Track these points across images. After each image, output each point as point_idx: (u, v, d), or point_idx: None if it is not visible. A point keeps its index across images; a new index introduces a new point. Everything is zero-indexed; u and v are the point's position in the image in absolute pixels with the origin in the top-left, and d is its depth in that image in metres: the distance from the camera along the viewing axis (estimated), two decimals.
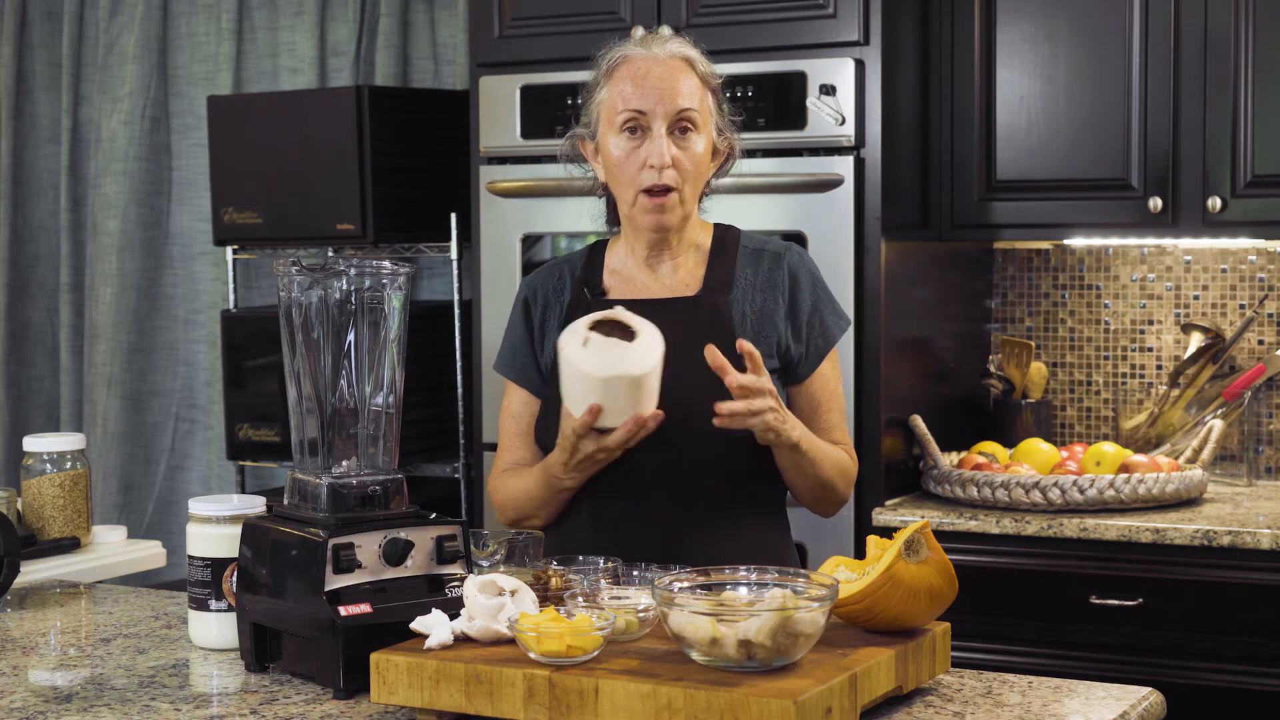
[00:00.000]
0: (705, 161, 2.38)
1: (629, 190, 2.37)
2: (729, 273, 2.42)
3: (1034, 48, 3.56)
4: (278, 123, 4.14)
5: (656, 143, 2.33)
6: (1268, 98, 3.37)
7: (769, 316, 2.41)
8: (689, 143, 2.35)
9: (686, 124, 2.35)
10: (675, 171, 2.33)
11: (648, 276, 2.44)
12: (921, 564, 1.93)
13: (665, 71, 2.36)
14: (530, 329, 2.49)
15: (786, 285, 2.42)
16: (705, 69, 2.40)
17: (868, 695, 1.81)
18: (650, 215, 2.36)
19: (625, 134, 2.36)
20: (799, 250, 2.47)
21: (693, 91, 2.36)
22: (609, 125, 2.38)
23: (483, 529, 2.73)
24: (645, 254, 2.43)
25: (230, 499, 2.27)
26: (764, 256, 2.44)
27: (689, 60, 2.38)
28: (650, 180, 2.34)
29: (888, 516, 3.35)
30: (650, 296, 2.42)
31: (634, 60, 2.38)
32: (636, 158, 2.35)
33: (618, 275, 2.46)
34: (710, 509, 2.37)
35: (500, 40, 3.72)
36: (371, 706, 1.94)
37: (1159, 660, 3.19)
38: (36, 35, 5.08)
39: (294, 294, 2.10)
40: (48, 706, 1.99)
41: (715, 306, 2.39)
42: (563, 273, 2.50)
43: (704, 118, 2.37)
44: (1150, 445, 3.69)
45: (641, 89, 2.34)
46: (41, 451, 2.97)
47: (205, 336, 4.80)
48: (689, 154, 2.35)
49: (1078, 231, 3.63)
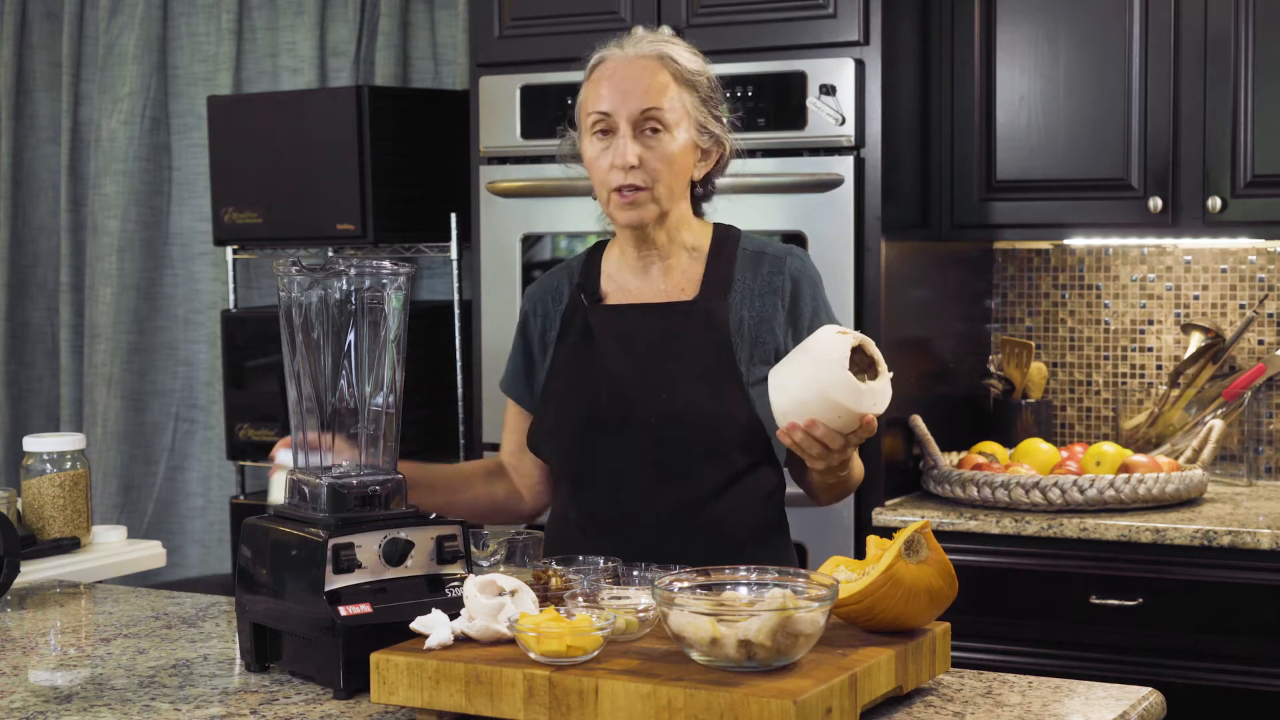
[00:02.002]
0: (680, 160, 2.36)
1: (602, 190, 2.37)
2: (727, 276, 2.41)
3: (1034, 48, 3.56)
4: (278, 123, 4.14)
5: (620, 143, 2.33)
6: (1268, 98, 3.37)
7: (767, 322, 2.40)
8: (658, 142, 2.34)
9: (653, 122, 2.34)
10: (642, 171, 2.33)
11: (641, 280, 2.43)
12: (921, 564, 1.93)
13: (633, 71, 2.35)
14: (529, 346, 2.50)
15: (787, 290, 2.41)
16: (683, 65, 2.37)
17: (868, 695, 1.81)
18: (622, 211, 2.36)
19: (596, 136, 2.36)
20: (800, 254, 2.46)
21: (662, 89, 2.34)
22: (585, 128, 2.39)
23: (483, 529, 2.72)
24: (635, 254, 2.43)
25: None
26: (764, 260, 2.43)
27: (663, 57, 2.36)
28: (617, 181, 2.33)
29: (888, 516, 3.35)
30: (645, 300, 2.42)
31: (607, 62, 2.38)
32: (605, 159, 2.35)
33: (613, 280, 2.46)
34: (707, 513, 2.37)
35: (500, 40, 3.72)
36: (371, 706, 1.94)
37: (1159, 660, 3.19)
38: (36, 35, 5.08)
39: (294, 294, 2.10)
40: (48, 706, 1.99)
41: (711, 312, 2.38)
42: (560, 281, 2.50)
43: (676, 116, 2.35)
44: (1150, 445, 3.69)
45: (609, 90, 2.34)
46: (41, 451, 2.97)
47: (205, 336, 4.80)
48: (657, 153, 2.33)
49: (1078, 231, 3.63)
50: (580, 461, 2.40)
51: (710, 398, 2.34)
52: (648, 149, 2.33)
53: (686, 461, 2.35)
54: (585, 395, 2.39)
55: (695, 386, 2.35)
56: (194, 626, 2.41)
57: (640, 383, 2.36)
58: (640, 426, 2.35)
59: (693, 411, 2.34)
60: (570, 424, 2.40)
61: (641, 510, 2.36)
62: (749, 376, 2.36)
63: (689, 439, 2.34)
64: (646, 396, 2.35)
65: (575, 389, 2.40)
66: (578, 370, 2.41)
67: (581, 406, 2.39)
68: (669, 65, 2.37)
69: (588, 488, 2.41)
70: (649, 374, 2.36)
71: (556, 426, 2.42)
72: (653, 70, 2.35)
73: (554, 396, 2.43)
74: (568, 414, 2.41)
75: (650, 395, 2.35)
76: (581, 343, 2.42)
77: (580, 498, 2.42)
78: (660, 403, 2.35)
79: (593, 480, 2.40)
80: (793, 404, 2.12)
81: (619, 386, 2.37)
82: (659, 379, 2.36)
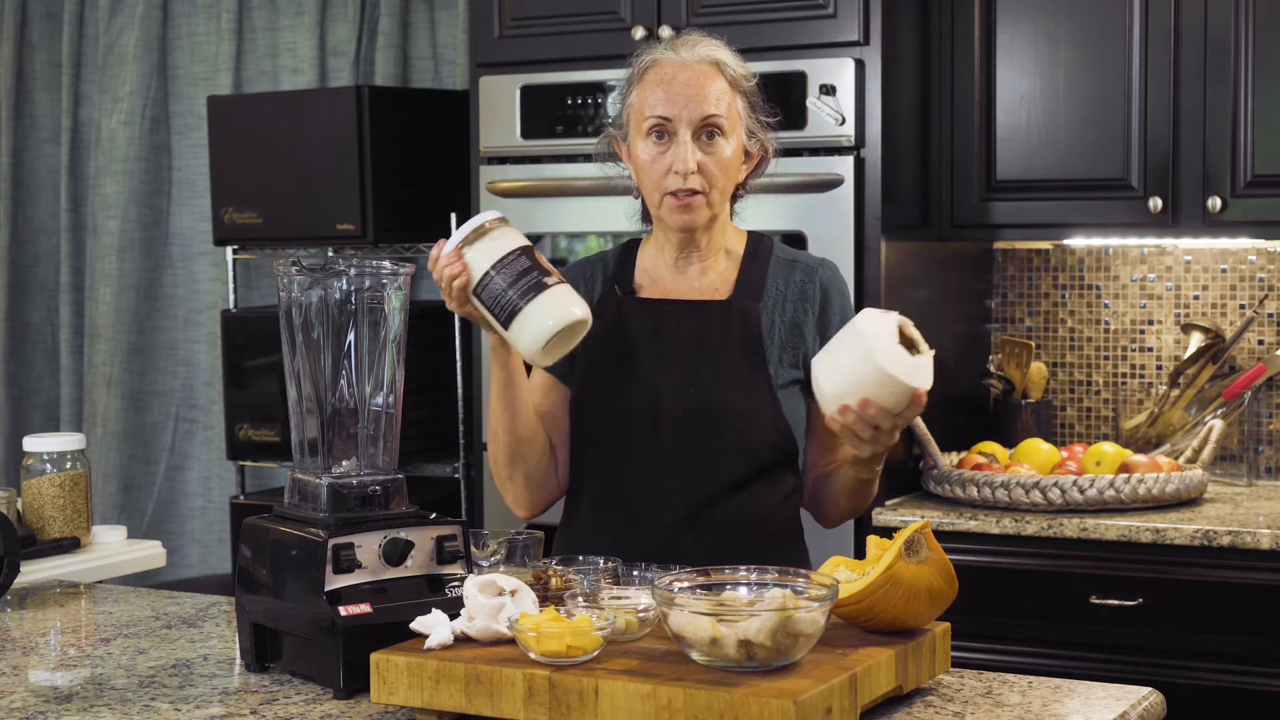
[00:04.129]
0: (733, 165, 2.38)
1: (655, 193, 2.37)
2: (760, 280, 2.43)
3: (1034, 48, 3.56)
4: (278, 123, 4.14)
5: (682, 149, 2.33)
6: (1268, 98, 3.37)
7: (798, 328, 2.41)
8: (716, 147, 2.35)
9: (713, 129, 2.35)
10: (700, 176, 2.34)
11: (676, 278, 2.45)
12: (921, 564, 1.93)
13: (692, 77, 2.35)
14: None
15: (818, 299, 2.43)
16: (736, 71, 2.39)
17: (868, 695, 1.82)
18: (676, 215, 2.36)
19: (652, 139, 2.36)
20: (832, 265, 2.48)
21: (720, 96, 2.36)
22: (637, 130, 2.38)
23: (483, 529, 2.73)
24: (674, 255, 2.44)
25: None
26: (797, 268, 2.45)
27: (718, 64, 2.38)
28: (675, 185, 2.34)
29: (888, 516, 3.35)
30: (680, 297, 2.43)
31: (663, 65, 2.38)
32: (663, 163, 2.35)
33: (648, 274, 2.47)
34: (729, 508, 2.38)
35: (500, 40, 3.72)
36: (371, 706, 1.94)
37: (1159, 660, 3.19)
38: (36, 35, 5.08)
39: (294, 294, 2.10)
40: (48, 706, 1.99)
41: (745, 312, 2.40)
42: (595, 269, 2.51)
43: (732, 122, 2.37)
44: (1150, 445, 3.69)
45: (668, 95, 2.34)
46: (41, 451, 2.97)
47: (205, 336, 4.80)
48: (715, 158, 2.35)
49: (1078, 231, 3.63)
50: (603, 449, 2.41)
51: (739, 395, 2.36)
52: (707, 154, 2.34)
53: (711, 456, 2.36)
54: (613, 384, 2.40)
55: (725, 383, 2.36)
56: (194, 626, 2.41)
57: (669, 377, 2.38)
58: (668, 419, 2.36)
59: (720, 408, 2.35)
60: (596, 414, 2.41)
61: (664, 502, 2.37)
62: (777, 379, 2.38)
63: (715, 434, 2.35)
64: (675, 390, 2.37)
65: (602, 380, 2.41)
66: (606, 360, 2.41)
67: (608, 395, 2.40)
68: (725, 71, 2.38)
69: (609, 477, 2.41)
70: (678, 368, 2.38)
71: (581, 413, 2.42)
72: (711, 76, 2.36)
73: (580, 383, 2.43)
74: (594, 403, 2.41)
75: (679, 389, 2.37)
76: (612, 332, 2.42)
77: (602, 487, 2.42)
78: (689, 397, 2.36)
79: (614, 469, 2.40)
80: (848, 383, 2.09)
81: (648, 380, 2.38)
82: (688, 374, 2.37)
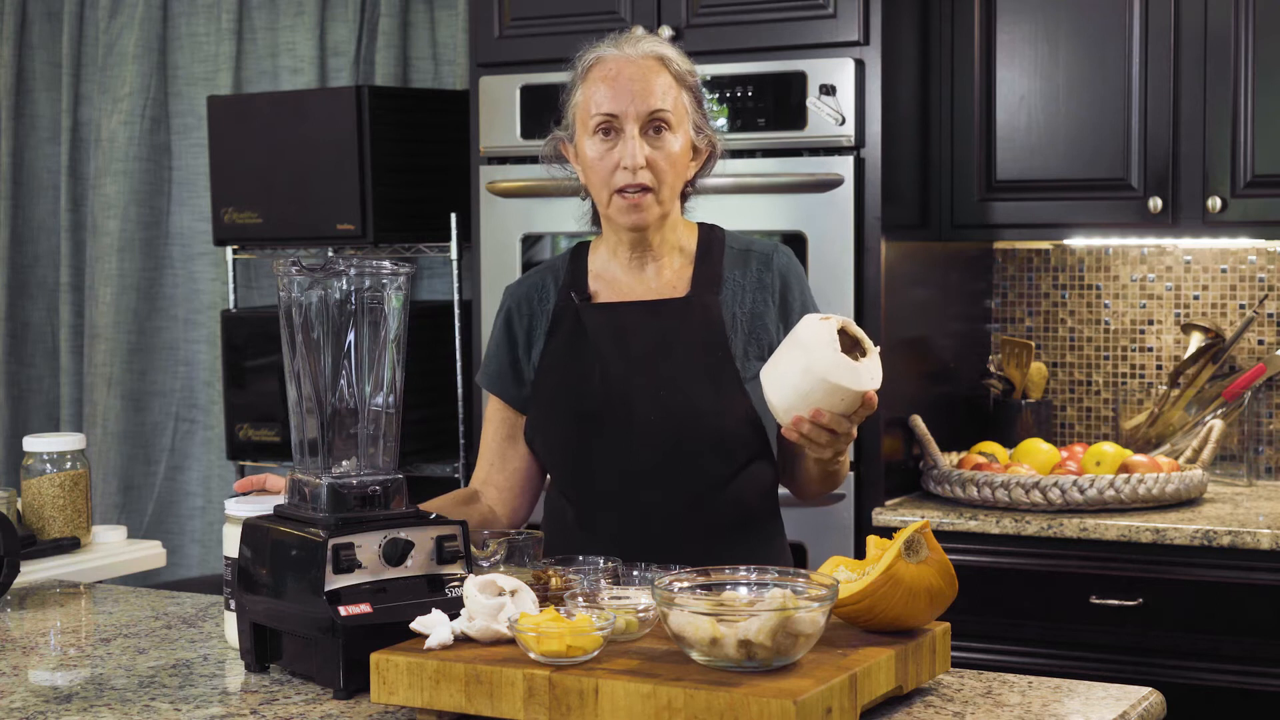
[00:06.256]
0: (682, 160, 2.37)
1: (604, 191, 2.36)
2: (717, 273, 2.42)
3: (1034, 48, 3.56)
4: (278, 123, 4.14)
5: (629, 144, 2.32)
6: (1268, 98, 3.37)
7: (760, 318, 2.41)
8: (663, 142, 2.34)
9: (660, 124, 2.34)
10: (649, 172, 2.33)
11: (633, 279, 2.43)
12: (921, 564, 1.93)
13: (637, 72, 2.35)
14: (514, 342, 2.48)
15: (777, 287, 2.42)
16: (680, 67, 2.38)
17: (868, 695, 1.81)
18: (626, 215, 2.35)
19: (599, 136, 2.35)
20: (786, 250, 2.47)
21: (666, 90, 2.35)
22: (584, 128, 2.37)
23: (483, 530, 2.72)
24: (628, 255, 2.43)
25: (264, 501, 2.26)
26: (752, 257, 2.44)
27: (662, 59, 2.37)
28: (624, 181, 2.33)
29: (888, 516, 3.35)
30: (638, 299, 2.42)
31: (607, 61, 2.37)
32: (610, 159, 2.34)
33: (601, 279, 2.45)
34: (707, 508, 2.38)
35: (500, 40, 3.72)
36: (371, 706, 1.94)
37: (1159, 660, 3.19)
38: (36, 35, 5.08)
39: (294, 294, 2.10)
40: (48, 706, 1.99)
41: (705, 307, 2.39)
42: (545, 280, 2.49)
43: (679, 116, 2.36)
44: (1150, 445, 3.69)
45: (614, 91, 2.34)
46: (41, 451, 2.97)
47: (205, 336, 4.80)
48: (664, 153, 2.34)
49: (1078, 231, 3.63)
50: (578, 459, 2.40)
51: (709, 393, 2.35)
52: (655, 149, 2.34)
53: (686, 457, 2.35)
54: (581, 393, 2.39)
55: (694, 383, 2.35)
56: (194, 626, 2.41)
57: (638, 380, 2.36)
58: (640, 424, 2.35)
59: (692, 408, 2.34)
60: (566, 422, 2.40)
61: (642, 506, 2.37)
62: (745, 372, 2.37)
63: (688, 435, 2.35)
64: (645, 393, 2.36)
65: (571, 387, 2.40)
66: (572, 368, 2.41)
67: (577, 404, 2.39)
68: (670, 66, 2.37)
69: (586, 485, 2.40)
70: (646, 371, 2.37)
71: (552, 425, 2.42)
72: (656, 70, 2.36)
73: (548, 394, 2.43)
74: (563, 412, 2.40)
75: (649, 392, 2.36)
76: (575, 341, 2.41)
77: (579, 495, 2.42)
78: (659, 400, 2.35)
79: (591, 478, 2.40)
80: (795, 396, 2.11)
81: (616, 385, 2.37)
82: (657, 376, 2.36)
